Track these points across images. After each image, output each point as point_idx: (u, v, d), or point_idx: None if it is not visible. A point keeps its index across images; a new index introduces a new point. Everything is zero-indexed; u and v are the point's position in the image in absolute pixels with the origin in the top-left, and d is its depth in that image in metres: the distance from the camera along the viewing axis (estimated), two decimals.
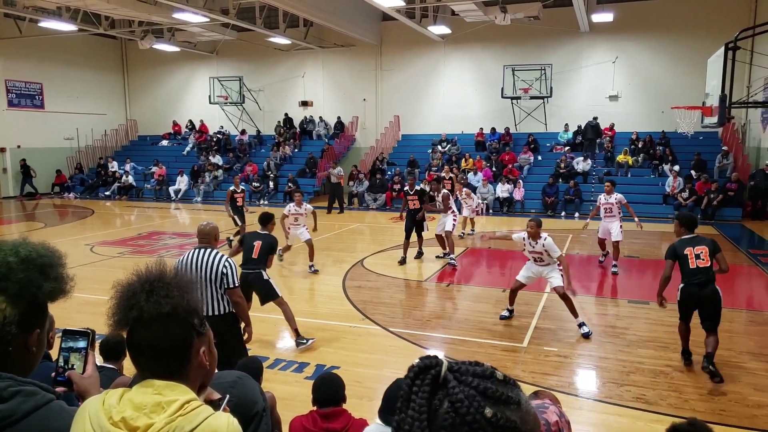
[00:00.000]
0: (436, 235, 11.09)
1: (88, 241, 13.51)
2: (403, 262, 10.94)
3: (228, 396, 1.50)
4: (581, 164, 19.45)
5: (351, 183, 21.37)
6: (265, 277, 6.60)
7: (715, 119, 9.51)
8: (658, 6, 20.24)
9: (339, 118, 24.92)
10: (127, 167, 24.19)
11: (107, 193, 23.61)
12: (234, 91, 25.75)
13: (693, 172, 17.90)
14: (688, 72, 18.67)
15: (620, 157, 19.46)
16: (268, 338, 7.04)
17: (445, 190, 11.28)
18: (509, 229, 15.66)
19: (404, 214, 11.23)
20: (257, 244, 6.67)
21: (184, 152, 25.77)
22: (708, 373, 5.62)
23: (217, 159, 24.05)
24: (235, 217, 12.26)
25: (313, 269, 10.30)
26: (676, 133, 18.18)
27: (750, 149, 18.76)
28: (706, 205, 16.68)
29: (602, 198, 10.33)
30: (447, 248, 10.87)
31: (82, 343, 1.69)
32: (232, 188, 12.45)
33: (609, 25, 20.09)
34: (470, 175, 19.57)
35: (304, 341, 6.66)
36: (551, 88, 20.93)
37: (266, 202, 21.43)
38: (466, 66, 23.34)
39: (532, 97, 21.39)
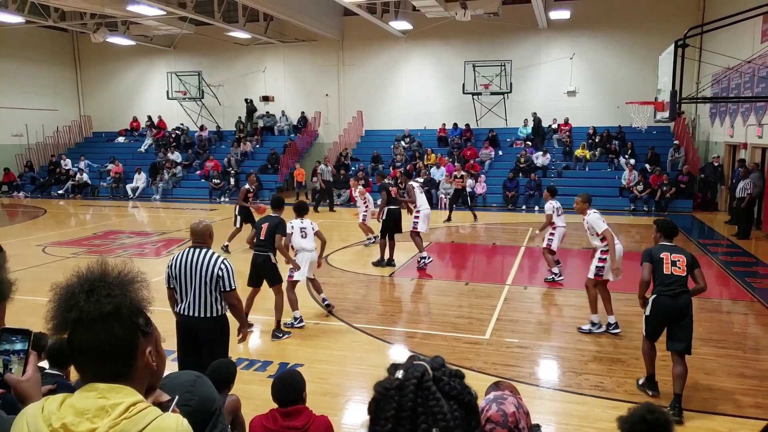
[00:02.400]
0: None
1: (39, 242, 13.05)
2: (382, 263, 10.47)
3: (177, 397, 1.46)
4: (540, 159, 19.82)
5: (314, 179, 21.23)
6: (273, 260, 6.79)
7: (666, 114, 9.81)
8: (612, 3, 20.73)
9: (303, 113, 24.69)
10: (82, 165, 23.45)
11: (60, 191, 22.82)
12: (193, 86, 25.23)
13: (648, 166, 18.45)
14: (642, 68, 19.21)
15: (578, 152, 19.91)
16: (230, 336, 6.94)
17: (410, 182, 10.95)
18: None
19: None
20: (264, 225, 6.84)
21: (142, 149, 25.13)
22: (673, 412, 4.76)
23: (176, 156, 23.54)
24: (239, 217, 11.87)
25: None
26: (631, 128, 18.64)
27: (700, 143, 19.46)
28: (660, 198, 17.25)
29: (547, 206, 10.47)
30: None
31: (21, 345, 1.61)
32: (246, 186, 12.14)
33: (566, 22, 20.49)
34: (433, 170, 19.71)
35: (280, 335, 6.79)
36: (511, 83, 21.24)
37: (227, 199, 21.11)
38: (428, 62, 23.45)
39: (492, 93, 21.67)
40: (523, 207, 18.39)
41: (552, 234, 9.27)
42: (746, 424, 4.81)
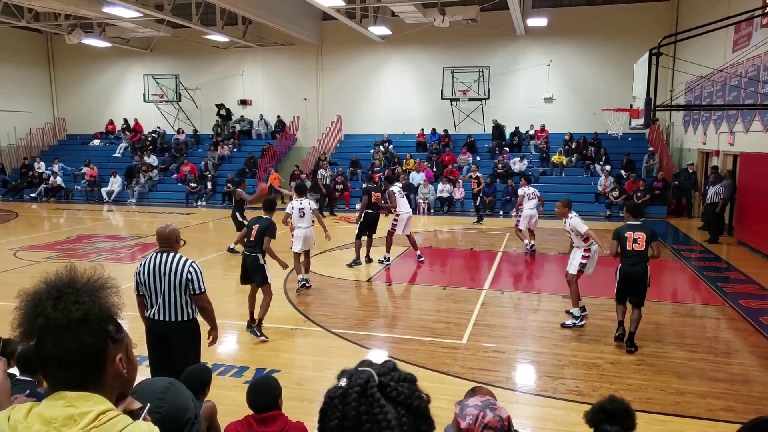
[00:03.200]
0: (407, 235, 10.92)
1: (11, 246, 12.74)
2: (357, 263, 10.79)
3: (149, 405, 1.43)
4: (518, 164, 19.98)
5: (292, 183, 21.10)
6: (261, 261, 6.93)
7: (641, 121, 9.96)
8: (588, 12, 21.06)
9: (279, 117, 24.57)
10: (55, 168, 22.99)
11: (33, 194, 22.33)
12: (170, 89, 24.93)
13: (623, 172, 18.72)
14: (618, 75, 19.51)
15: (555, 158, 20.12)
16: (204, 342, 6.84)
17: (391, 188, 11.10)
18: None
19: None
20: (255, 227, 7.00)
21: (117, 152, 24.72)
22: (628, 348, 6.45)
23: (152, 159, 23.22)
24: (238, 217, 11.91)
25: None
26: (606, 134, 18.97)
27: (674, 150, 19.81)
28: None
29: (520, 190, 11.86)
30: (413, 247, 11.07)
31: None
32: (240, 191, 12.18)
33: (543, 29, 20.73)
34: (412, 175, 19.74)
35: (258, 334, 6.82)
36: (489, 90, 21.40)
37: (204, 203, 20.90)
38: (407, 67, 23.53)
39: (470, 99, 21.81)
40: (501, 212, 18.51)
41: (520, 215, 11.47)
42: (718, 427, 4.87)
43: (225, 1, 17.12)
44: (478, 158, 21.32)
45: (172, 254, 4.49)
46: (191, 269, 4.44)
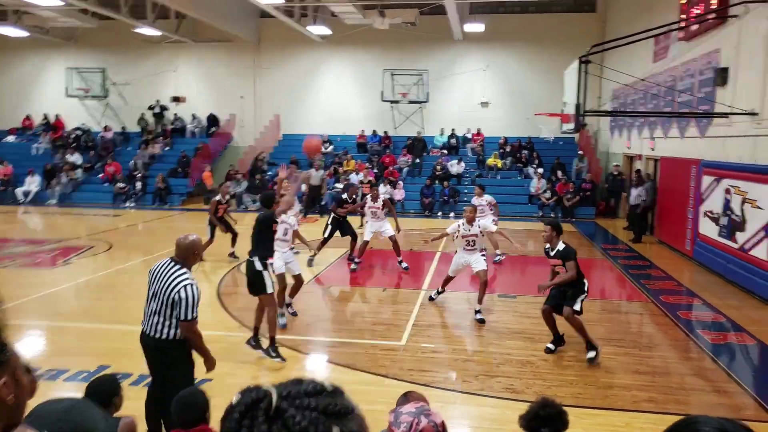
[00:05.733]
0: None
1: None
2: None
3: None
4: (455, 167, 20.34)
5: (228, 183, 20.58)
6: (258, 267, 6.09)
7: (572, 126, 10.37)
8: (523, 20, 21.71)
9: (212, 114, 23.87)
10: None
11: None
12: (96, 83, 23.80)
13: (558, 174, 19.38)
14: (550, 81, 20.19)
15: (490, 160, 20.63)
16: (129, 350, 6.53)
17: (384, 196, 11.04)
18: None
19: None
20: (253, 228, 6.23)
21: (35, 150, 23.28)
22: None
23: (75, 157, 22.05)
24: (208, 228, 11.32)
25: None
26: (539, 138, 19.67)
27: (601, 153, 20.74)
28: (565, 205, 18.20)
29: (474, 200, 11.01)
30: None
31: None
32: (218, 198, 11.60)
33: (480, 34, 21.20)
34: (352, 176, 19.70)
35: (273, 355, 6.15)
36: (428, 93, 21.69)
37: (133, 205, 20.05)
38: (347, 68, 23.49)
39: (410, 102, 22.04)
40: (439, 213, 18.77)
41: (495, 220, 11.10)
42: (640, 417, 5.12)
43: None
44: (417, 160, 21.49)
45: (176, 267, 4.07)
46: (183, 291, 3.96)
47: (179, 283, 3.97)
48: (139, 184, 20.50)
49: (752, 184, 9.20)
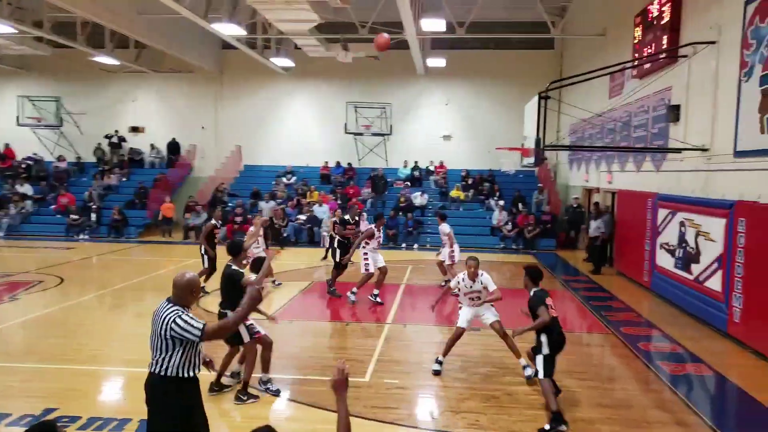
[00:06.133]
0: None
1: None
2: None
3: None
4: (419, 199, 20.46)
5: (187, 215, 20.18)
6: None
7: (532, 159, 10.57)
8: (483, 56, 22.29)
9: (174, 140, 23.48)
10: None
11: None
12: (50, 112, 23.16)
13: (519, 206, 19.65)
14: (510, 116, 20.70)
15: (453, 193, 20.85)
16: (78, 391, 6.21)
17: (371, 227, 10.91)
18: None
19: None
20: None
21: None
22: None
23: (25, 188, 21.26)
24: (205, 257, 10.98)
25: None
26: (500, 171, 19.98)
27: (561, 186, 21.22)
28: (527, 237, 18.45)
29: (440, 228, 11.74)
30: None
31: None
32: (213, 222, 11.22)
33: (442, 69, 21.65)
34: (315, 207, 19.57)
35: (244, 398, 5.97)
36: (391, 126, 21.93)
37: (87, 237, 19.38)
38: (311, 100, 23.58)
39: (373, 134, 22.21)
40: (403, 245, 18.76)
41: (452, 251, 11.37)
42: None
43: (114, 22, 16.26)
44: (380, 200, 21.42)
45: (168, 306, 3.80)
46: (174, 325, 3.71)
47: (167, 319, 3.73)
48: (93, 216, 19.86)
49: (705, 217, 9.49)
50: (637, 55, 12.82)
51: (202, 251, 11.08)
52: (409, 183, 21.65)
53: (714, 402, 6.63)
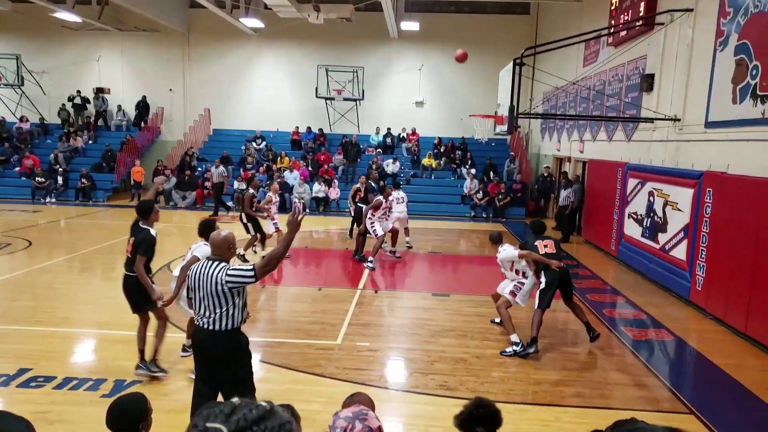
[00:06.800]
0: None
1: None
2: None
3: None
4: (390, 166, 20.42)
5: (155, 179, 19.79)
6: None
7: (505, 127, 10.61)
8: (457, 20, 22.07)
9: (143, 101, 22.84)
10: None
11: None
12: (10, 71, 22.24)
13: (490, 175, 19.81)
14: (484, 83, 20.67)
15: (425, 161, 20.85)
16: (52, 352, 6.16)
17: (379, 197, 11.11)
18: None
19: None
20: (131, 240, 5.58)
21: None
22: (594, 338, 6.89)
23: None
24: (249, 225, 10.83)
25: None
26: (472, 139, 19.98)
27: (532, 155, 21.40)
28: (497, 205, 18.65)
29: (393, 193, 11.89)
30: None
31: None
32: (251, 191, 10.92)
33: (416, 34, 21.38)
34: (286, 174, 19.39)
35: (154, 370, 5.74)
36: (363, 90, 21.64)
37: (53, 200, 18.92)
38: (281, 63, 23.09)
39: (345, 99, 21.92)
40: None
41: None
42: (568, 412, 5.28)
43: None
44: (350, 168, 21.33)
45: (215, 264, 3.96)
46: (228, 276, 3.88)
47: (217, 275, 3.91)
48: (60, 179, 19.34)
49: (674, 187, 9.70)
50: (613, 21, 12.82)
51: (245, 221, 10.97)
52: (380, 150, 21.56)
53: (673, 365, 6.91)
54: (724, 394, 5.92)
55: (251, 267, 3.90)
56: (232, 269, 3.91)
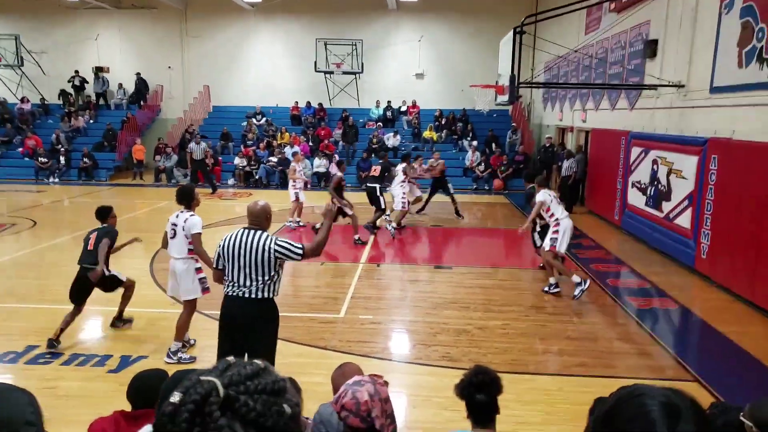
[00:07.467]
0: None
1: None
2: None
3: None
4: (391, 140, 20.28)
5: (157, 158, 19.75)
6: (107, 273, 6.15)
7: (506, 97, 10.47)
8: None
9: (139, 74, 22.66)
10: None
11: None
12: (9, 51, 22.03)
13: (492, 147, 19.63)
14: (484, 53, 20.34)
15: (426, 133, 20.67)
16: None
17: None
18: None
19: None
20: (93, 236, 6.15)
21: None
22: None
23: None
24: (345, 207, 10.82)
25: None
26: (473, 111, 19.80)
27: (534, 126, 21.19)
28: (499, 177, 18.53)
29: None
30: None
31: None
32: (339, 174, 11.11)
33: (414, 4, 21.03)
34: (287, 149, 19.29)
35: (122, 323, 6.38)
36: (362, 64, 21.38)
37: (57, 180, 18.92)
38: (278, 37, 22.79)
39: (344, 72, 21.67)
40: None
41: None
42: (572, 381, 5.30)
43: None
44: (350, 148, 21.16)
45: (259, 233, 4.13)
46: (277, 245, 4.06)
47: (265, 244, 4.06)
48: (62, 159, 19.31)
49: (678, 155, 9.59)
50: None
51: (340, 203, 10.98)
52: (381, 124, 21.37)
53: (677, 334, 6.91)
54: (729, 362, 5.92)
55: (301, 246, 4.09)
56: (281, 240, 4.09)
